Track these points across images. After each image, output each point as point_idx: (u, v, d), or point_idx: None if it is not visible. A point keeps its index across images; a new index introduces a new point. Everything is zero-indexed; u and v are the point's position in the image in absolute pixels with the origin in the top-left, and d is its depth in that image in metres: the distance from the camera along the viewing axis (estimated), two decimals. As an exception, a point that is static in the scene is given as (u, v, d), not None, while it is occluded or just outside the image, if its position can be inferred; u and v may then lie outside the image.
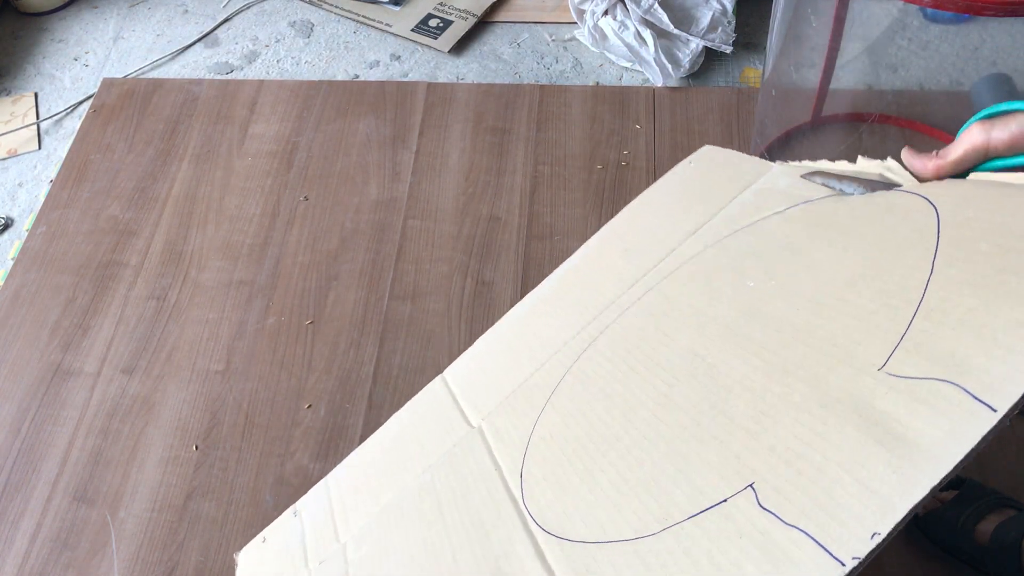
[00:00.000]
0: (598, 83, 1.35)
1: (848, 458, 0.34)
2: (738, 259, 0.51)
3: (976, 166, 0.43)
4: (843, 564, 0.31)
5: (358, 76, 1.41)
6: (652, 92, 1.30)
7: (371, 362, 1.04)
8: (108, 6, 1.59)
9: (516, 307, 0.72)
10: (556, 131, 1.26)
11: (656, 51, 1.30)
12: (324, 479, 0.77)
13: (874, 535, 0.31)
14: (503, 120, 1.29)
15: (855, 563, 0.31)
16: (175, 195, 1.25)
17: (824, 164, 0.54)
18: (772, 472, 0.37)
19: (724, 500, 0.38)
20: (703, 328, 0.48)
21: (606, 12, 1.36)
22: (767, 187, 0.56)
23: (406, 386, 1.02)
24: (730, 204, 0.58)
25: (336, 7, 1.51)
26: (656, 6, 1.33)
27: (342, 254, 1.15)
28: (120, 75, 1.45)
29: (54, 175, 1.30)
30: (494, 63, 1.40)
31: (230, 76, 1.43)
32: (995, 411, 0.30)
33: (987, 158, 0.42)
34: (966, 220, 0.39)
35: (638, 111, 1.27)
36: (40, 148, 1.37)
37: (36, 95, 1.44)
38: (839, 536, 0.32)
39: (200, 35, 1.50)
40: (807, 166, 0.55)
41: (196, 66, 1.46)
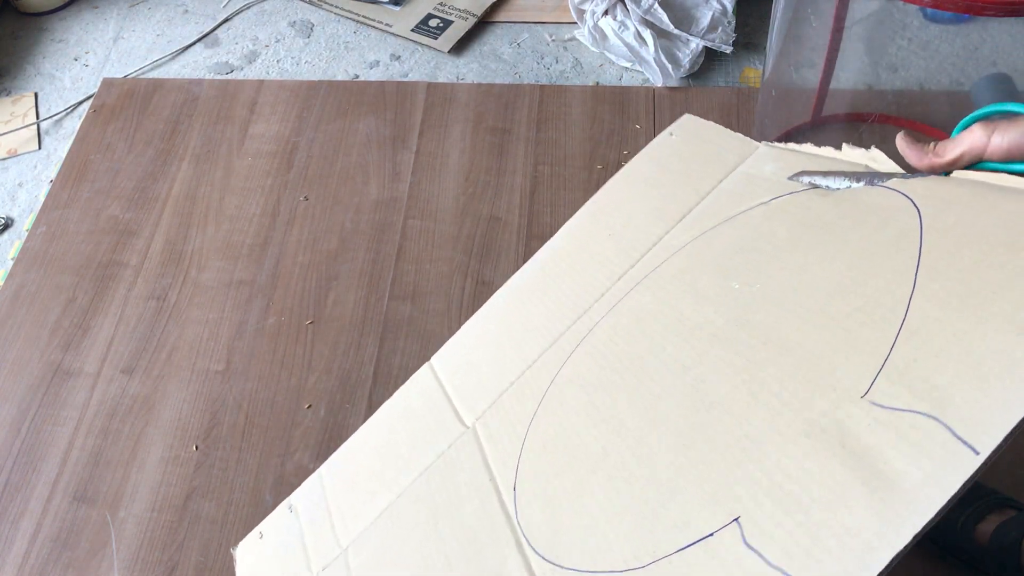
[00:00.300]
0: (598, 83, 1.35)
1: (833, 498, 0.34)
2: (723, 256, 0.51)
3: (970, 167, 0.43)
4: None
5: (358, 76, 1.41)
6: (652, 92, 1.30)
7: (371, 362, 1.04)
8: (108, 6, 1.59)
9: (503, 288, 0.71)
10: (556, 131, 1.26)
11: (656, 51, 1.30)
12: (317, 471, 0.76)
13: None
14: (503, 120, 1.29)
15: None
16: (175, 195, 1.25)
17: (808, 148, 0.53)
18: (757, 507, 0.37)
19: (710, 534, 0.38)
20: (689, 336, 0.48)
21: (606, 12, 1.36)
22: (753, 172, 0.56)
23: (406, 386, 1.02)
24: (715, 189, 0.58)
25: (336, 7, 1.51)
26: (656, 6, 1.33)
27: (342, 254, 1.15)
28: (120, 75, 1.45)
29: (54, 175, 1.30)
30: (494, 63, 1.40)
31: (230, 76, 1.43)
32: (977, 454, 0.30)
33: (981, 160, 0.42)
34: (949, 226, 0.38)
35: (638, 111, 1.27)
36: (40, 148, 1.37)
37: (36, 95, 1.44)
38: None
39: (200, 35, 1.50)
40: (792, 149, 0.55)
41: (196, 66, 1.46)
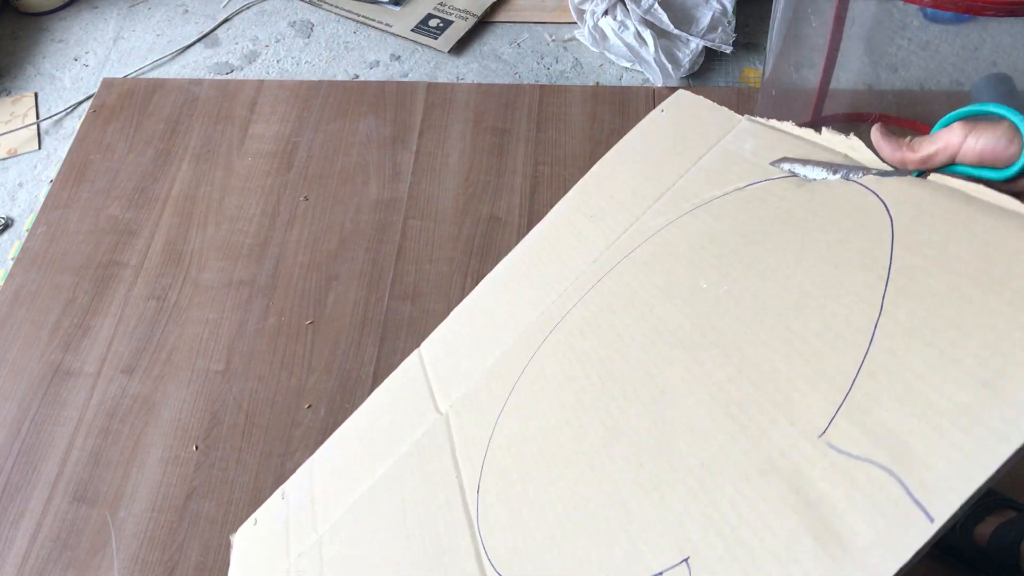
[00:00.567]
0: (598, 83, 1.35)
1: (782, 549, 0.33)
2: (695, 248, 0.50)
3: (942, 168, 0.42)
4: None
5: (358, 76, 1.41)
6: (652, 92, 1.30)
7: (371, 362, 1.04)
8: (108, 6, 1.59)
9: (493, 271, 0.71)
10: (556, 131, 1.26)
11: (656, 51, 1.30)
12: (310, 459, 0.77)
13: None
14: (503, 120, 1.29)
15: None
16: (175, 195, 1.25)
17: (789, 127, 0.53)
18: (708, 548, 0.36)
19: (660, 573, 0.38)
20: (656, 337, 0.48)
21: (606, 12, 1.36)
22: (732, 149, 0.55)
23: (406, 386, 1.02)
24: (695, 167, 0.57)
25: (336, 7, 1.51)
26: (656, 6, 1.33)
27: (342, 254, 1.15)
28: (120, 75, 1.45)
29: (54, 175, 1.30)
30: (494, 63, 1.40)
31: (230, 76, 1.43)
32: (932, 521, 0.29)
33: (953, 161, 0.41)
34: (920, 242, 0.38)
35: (638, 111, 1.27)
36: (40, 148, 1.37)
37: (36, 95, 1.44)
38: None
39: (200, 35, 1.50)
40: (772, 126, 0.54)
41: (196, 66, 1.46)
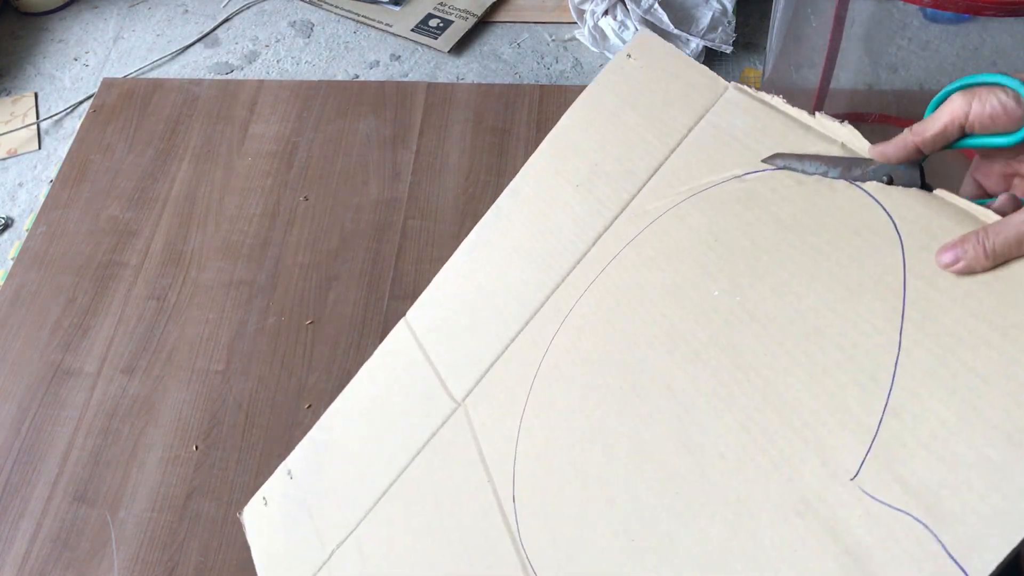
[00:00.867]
0: (598, 83, 1.35)
1: None
2: (700, 244, 0.50)
3: (954, 142, 0.41)
4: None
5: (358, 76, 1.41)
6: (652, 92, 1.30)
7: (371, 362, 1.04)
8: (108, 6, 1.59)
9: (470, 239, 0.68)
10: (556, 131, 1.26)
11: (656, 51, 1.30)
12: (309, 435, 0.76)
13: None
14: (503, 120, 1.29)
15: None
16: (175, 195, 1.25)
17: (779, 103, 0.51)
18: None
19: None
20: (673, 347, 0.47)
21: (606, 12, 1.36)
22: (723, 124, 0.54)
23: (406, 386, 1.02)
24: (684, 141, 0.55)
25: (336, 7, 1.51)
26: (656, 6, 1.33)
27: (342, 254, 1.15)
28: (120, 75, 1.45)
29: (54, 175, 1.30)
30: (494, 63, 1.40)
31: (230, 76, 1.43)
32: None
33: (964, 133, 0.40)
34: (933, 275, 0.38)
35: (638, 111, 1.27)
36: (40, 148, 1.37)
37: (36, 95, 1.44)
38: None
39: (200, 35, 1.50)
40: (762, 100, 0.52)
41: (196, 66, 1.46)
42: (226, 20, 1.53)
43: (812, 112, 0.50)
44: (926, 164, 0.43)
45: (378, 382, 0.72)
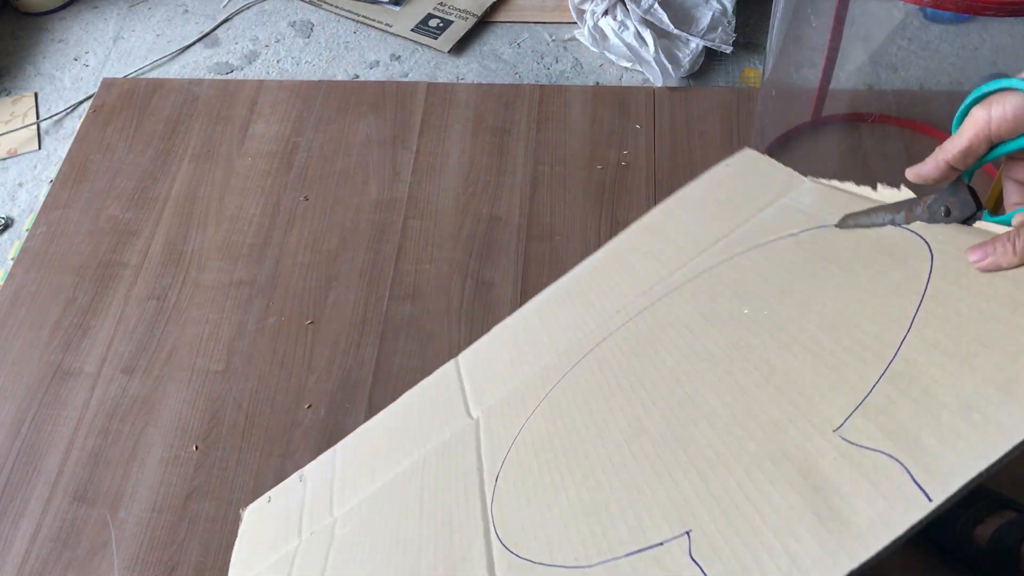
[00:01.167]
0: (598, 83, 1.35)
1: (784, 525, 0.34)
2: (742, 282, 0.52)
3: (985, 156, 0.41)
4: None
5: (358, 76, 1.41)
6: (652, 92, 1.30)
7: (371, 362, 1.04)
8: (108, 6, 1.59)
9: (540, 294, 0.74)
10: (556, 131, 1.26)
11: (656, 51, 1.30)
12: (334, 447, 0.79)
13: None
14: (503, 120, 1.29)
15: None
16: (175, 195, 1.25)
17: (850, 186, 0.52)
18: (712, 522, 0.37)
19: (661, 543, 0.39)
20: (691, 354, 0.49)
21: (606, 12, 1.36)
22: (792, 204, 0.56)
23: (406, 386, 1.01)
24: (753, 218, 0.58)
25: (336, 7, 1.51)
26: (656, 6, 1.33)
27: (342, 254, 1.15)
28: (120, 75, 1.45)
29: (54, 175, 1.30)
30: (494, 63, 1.40)
31: (230, 76, 1.43)
32: (930, 501, 0.30)
33: (991, 143, 0.40)
34: (958, 274, 0.38)
35: (638, 111, 1.27)
36: (40, 148, 1.37)
37: (36, 95, 1.44)
38: None
39: (200, 35, 1.50)
40: (834, 186, 0.54)
41: (196, 66, 1.46)
42: (226, 20, 1.53)
43: (873, 186, 0.50)
44: (974, 186, 0.43)
45: (410, 402, 0.75)
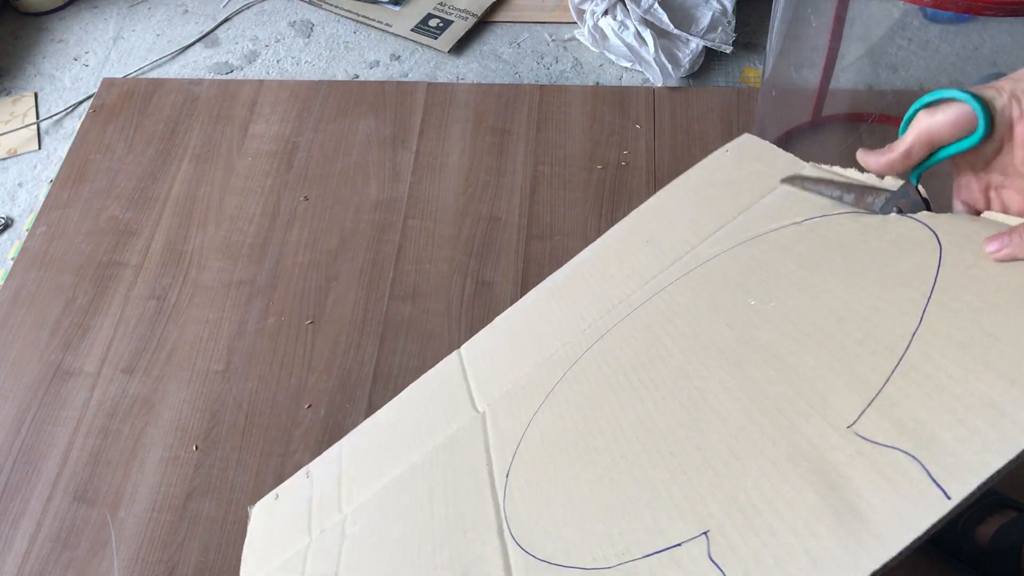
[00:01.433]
0: (598, 83, 1.35)
1: (802, 524, 0.34)
2: (747, 272, 0.51)
3: (927, 158, 0.43)
4: None
5: (358, 76, 1.41)
6: (652, 92, 1.30)
7: (371, 362, 1.04)
8: (108, 6, 1.59)
9: (541, 284, 0.73)
10: (556, 131, 1.26)
11: (656, 51, 1.30)
12: (339, 442, 0.79)
13: None
14: (503, 120, 1.29)
15: None
16: (175, 195, 1.25)
17: (852, 174, 0.53)
18: (729, 522, 0.37)
19: (679, 544, 0.38)
20: (699, 347, 0.48)
21: (606, 12, 1.36)
22: (794, 191, 0.56)
23: (406, 386, 1.01)
24: (754, 205, 0.58)
25: (336, 7, 1.51)
26: (656, 6, 1.33)
27: (342, 254, 1.15)
28: (120, 75, 1.45)
29: (54, 175, 1.30)
30: (494, 63, 1.40)
31: (230, 76, 1.43)
32: (949, 499, 0.30)
33: (933, 147, 0.42)
34: (965, 267, 0.38)
35: (638, 111, 1.27)
36: (40, 148, 1.37)
37: (36, 95, 1.44)
38: None
39: (200, 35, 1.50)
40: (837, 172, 0.54)
41: (196, 66, 1.46)
42: (226, 20, 1.53)
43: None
44: (921, 187, 0.45)
45: (414, 396, 0.75)
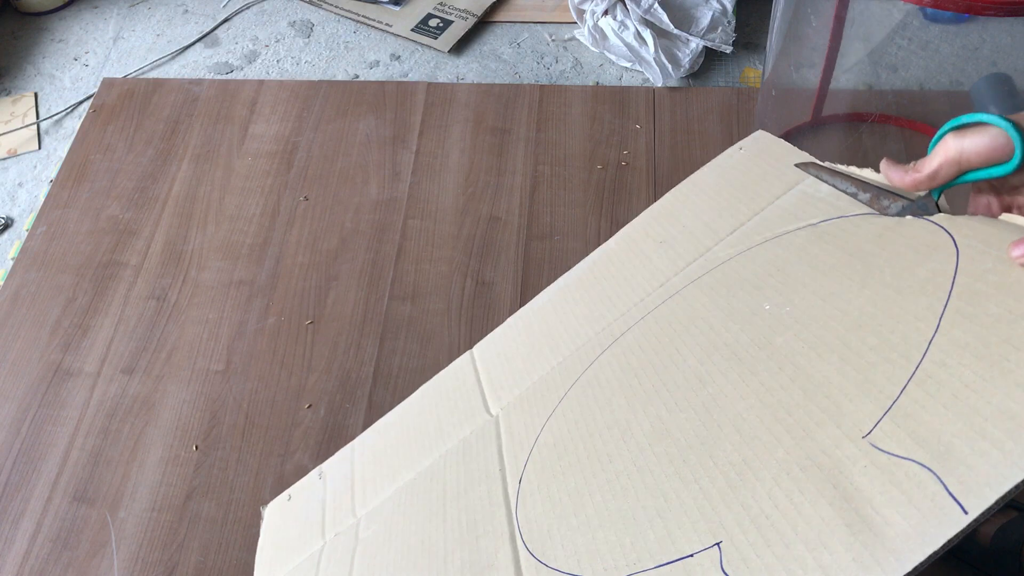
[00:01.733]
0: (598, 83, 1.35)
1: (815, 537, 0.33)
2: (762, 275, 0.51)
3: (952, 180, 0.43)
4: None
5: (358, 76, 1.41)
6: (652, 92, 1.30)
7: (371, 362, 1.04)
8: (108, 6, 1.59)
9: (555, 283, 0.73)
10: (556, 131, 1.26)
11: (656, 51, 1.30)
12: (351, 443, 0.79)
13: None
14: (503, 120, 1.29)
15: None
16: (175, 195, 1.25)
17: (868, 174, 0.53)
18: (742, 533, 0.36)
19: (691, 555, 0.38)
20: (713, 351, 0.48)
21: (606, 12, 1.36)
22: (810, 191, 0.56)
23: (406, 386, 1.02)
24: (770, 206, 0.58)
25: (336, 7, 1.51)
26: (656, 6, 1.33)
27: (342, 254, 1.15)
28: (120, 75, 1.45)
29: (54, 175, 1.30)
30: (494, 63, 1.40)
31: (230, 76, 1.43)
32: (966, 513, 0.29)
33: (961, 170, 0.42)
34: (983, 272, 0.38)
35: (638, 111, 1.27)
36: (40, 148, 1.37)
37: (36, 95, 1.44)
38: None
39: (200, 35, 1.50)
40: (852, 173, 0.54)
41: (196, 66, 1.46)
42: (226, 20, 1.53)
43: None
44: (943, 200, 0.45)
45: (427, 397, 0.75)
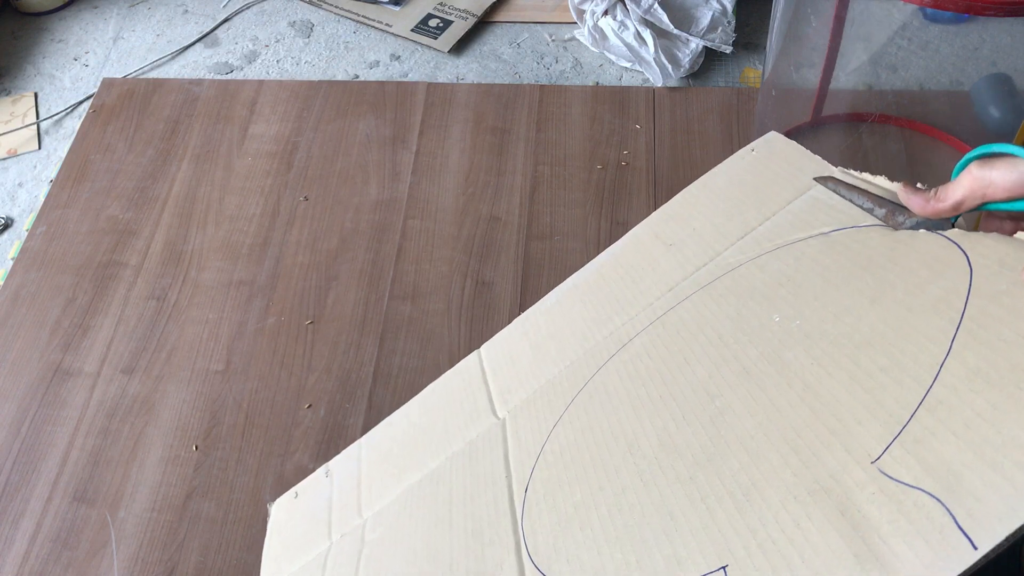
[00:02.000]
0: (598, 83, 1.35)
1: (823, 566, 0.33)
2: (772, 285, 0.51)
3: (975, 209, 0.42)
4: None
5: (358, 76, 1.41)
6: (652, 92, 1.30)
7: (371, 362, 1.04)
8: (108, 6, 1.59)
9: (563, 284, 0.72)
10: (556, 131, 1.26)
11: (656, 51, 1.30)
12: (358, 440, 0.79)
13: None
14: (503, 120, 1.29)
15: None
16: (175, 195, 1.25)
17: (882, 181, 0.52)
18: (748, 558, 0.36)
19: None
20: (722, 363, 0.48)
21: (606, 12, 1.36)
22: (822, 197, 0.55)
23: (406, 386, 1.02)
24: (781, 211, 0.57)
25: (336, 7, 1.51)
26: (656, 6, 1.33)
27: (342, 254, 1.15)
28: (120, 75, 1.45)
29: (54, 175, 1.30)
30: (494, 63, 1.40)
31: (230, 76, 1.43)
32: (976, 549, 0.29)
33: (985, 202, 0.41)
34: (997, 294, 0.37)
35: (638, 111, 1.27)
36: (40, 148, 1.37)
37: (36, 95, 1.44)
38: None
39: (200, 35, 1.50)
40: (865, 180, 0.53)
41: (196, 66, 1.46)
42: (226, 20, 1.53)
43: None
44: (961, 222, 0.44)
45: (434, 396, 0.75)
